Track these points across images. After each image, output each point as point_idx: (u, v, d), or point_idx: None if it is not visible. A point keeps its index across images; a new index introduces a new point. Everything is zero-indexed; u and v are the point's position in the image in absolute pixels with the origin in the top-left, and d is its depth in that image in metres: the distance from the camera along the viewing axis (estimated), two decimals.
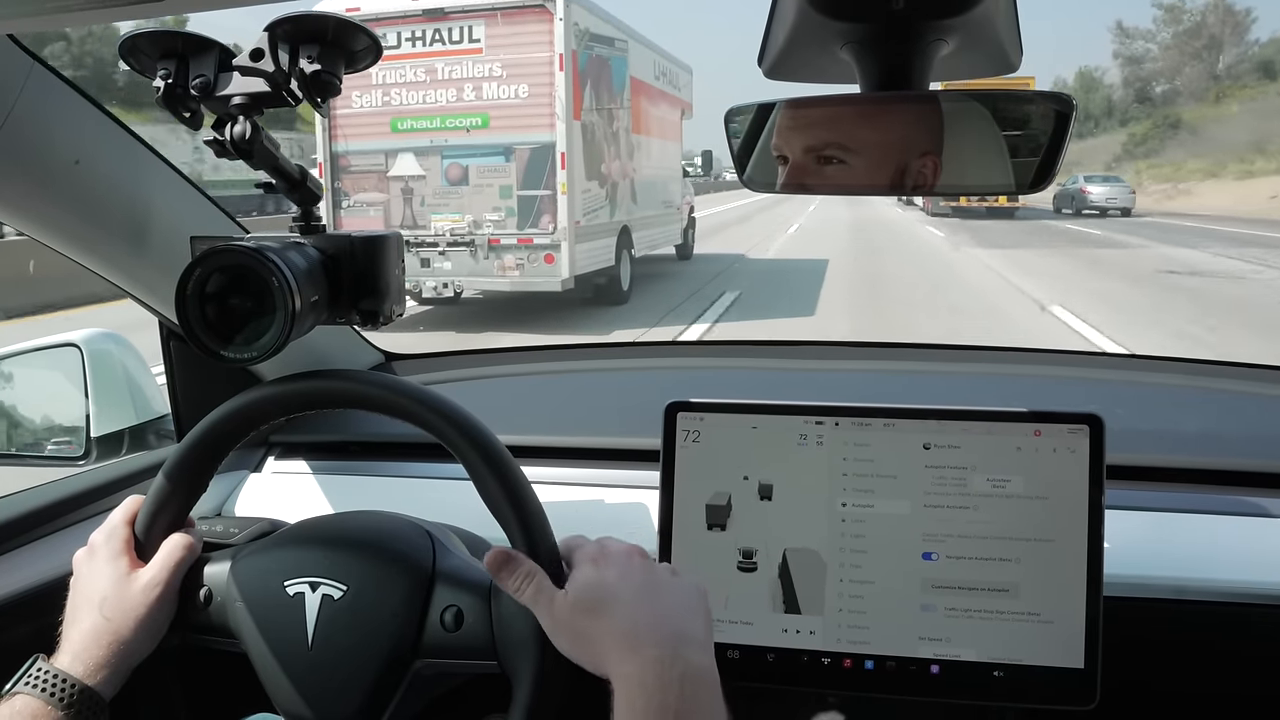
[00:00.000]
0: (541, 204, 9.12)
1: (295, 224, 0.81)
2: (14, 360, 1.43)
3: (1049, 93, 0.72)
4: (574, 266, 9.23)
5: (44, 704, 0.75)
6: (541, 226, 9.14)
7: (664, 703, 0.67)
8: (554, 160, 9.02)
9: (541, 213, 9.13)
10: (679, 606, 0.74)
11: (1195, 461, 1.17)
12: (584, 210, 9.49)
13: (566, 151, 9.01)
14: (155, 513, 0.85)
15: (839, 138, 0.76)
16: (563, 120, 8.98)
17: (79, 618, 0.81)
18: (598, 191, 10.00)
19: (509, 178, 9.19)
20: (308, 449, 1.38)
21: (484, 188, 9.24)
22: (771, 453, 1.00)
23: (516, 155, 9.16)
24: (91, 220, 1.02)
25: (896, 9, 0.67)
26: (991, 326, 9.19)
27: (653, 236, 12.50)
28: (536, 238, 9.16)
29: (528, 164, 9.13)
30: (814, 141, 0.77)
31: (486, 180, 9.24)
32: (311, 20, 0.70)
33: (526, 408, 1.46)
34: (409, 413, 0.80)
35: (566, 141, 9.02)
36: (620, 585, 0.73)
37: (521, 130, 9.10)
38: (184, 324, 0.71)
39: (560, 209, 9.05)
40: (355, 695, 0.79)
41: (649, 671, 0.68)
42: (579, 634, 0.73)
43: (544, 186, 9.08)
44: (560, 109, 8.97)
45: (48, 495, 1.11)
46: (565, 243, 9.09)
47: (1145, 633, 1.03)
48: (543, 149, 9.07)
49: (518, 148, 9.14)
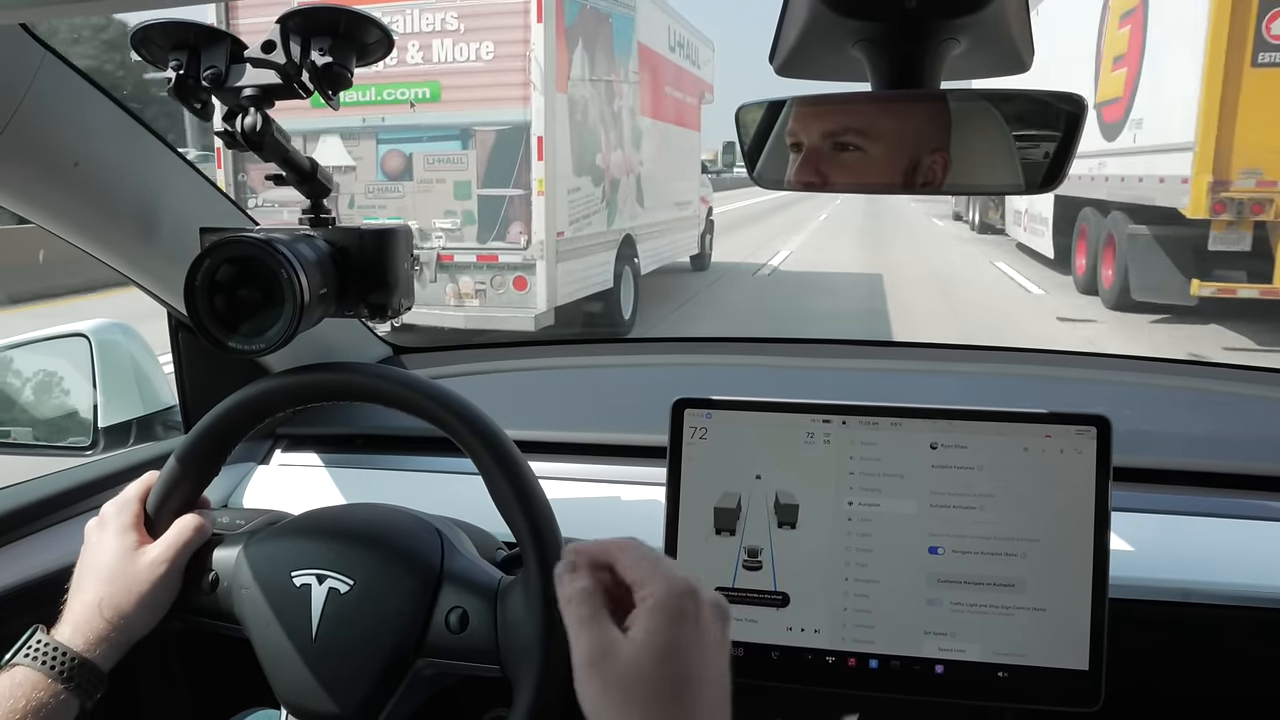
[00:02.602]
0: (511, 207, 6.68)
1: (305, 216, 0.82)
2: (22, 350, 1.44)
3: (1060, 93, 0.72)
4: (554, 294, 6.82)
5: (43, 676, 0.75)
6: (510, 238, 6.69)
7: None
8: (528, 147, 6.55)
9: (511, 220, 6.70)
10: (722, 699, 0.59)
11: (1201, 464, 1.16)
12: (570, 217, 7.06)
13: (546, 135, 6.50)
14: (167, 492, 0.86)
15: (858, 123, 0.75)
16: (541, 92, 6.44)
17: (83, 587, 0.82)
18: (591, 190, 7.49)
19: (467, 171, 6.70)
20: (315, 442, 1.38)
21: (433, 184, 6.77)
22: (778, 451, 1.00)
23: (478, 140, 6.64)
24: (102, 210, 1.02)
25: (909, 7, 0.67)
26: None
27: (662, 247, 9.95)
28: (503, 254, 6.70)
29: (493, 152, 6.64)
30: (833, 126, 0.76)
31: (436, 174, 6.76)
32: (323, 13, 0.70)
33: (535, 402, 1.46)
34: (418, 407, 0.80)
35: (546, 121, 6.49)
36: (706, 665, 0.58)
37: (485, 105, 6.58)
38: (192, 315, 0.72)
39: (536, 215, 6.60)
40: (355, 689, 0.79)
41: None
42: (629, 688, 0.57)
43: (515, 183, 6.62)
44: (538, 76, 6.42)
45: (55, 485, 1.12)
46: (542, 261, 6.64)
47: (1150, 635, 1.03)
48: (513, 131, 6.56)
49: (479, 130, 6.62)
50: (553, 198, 6.68)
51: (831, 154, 0.76)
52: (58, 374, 1.45)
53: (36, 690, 0.75)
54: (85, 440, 1.35)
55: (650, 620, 0.58)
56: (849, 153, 0.76)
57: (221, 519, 0.93)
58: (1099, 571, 0.93)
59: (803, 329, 8.43)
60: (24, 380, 1.47)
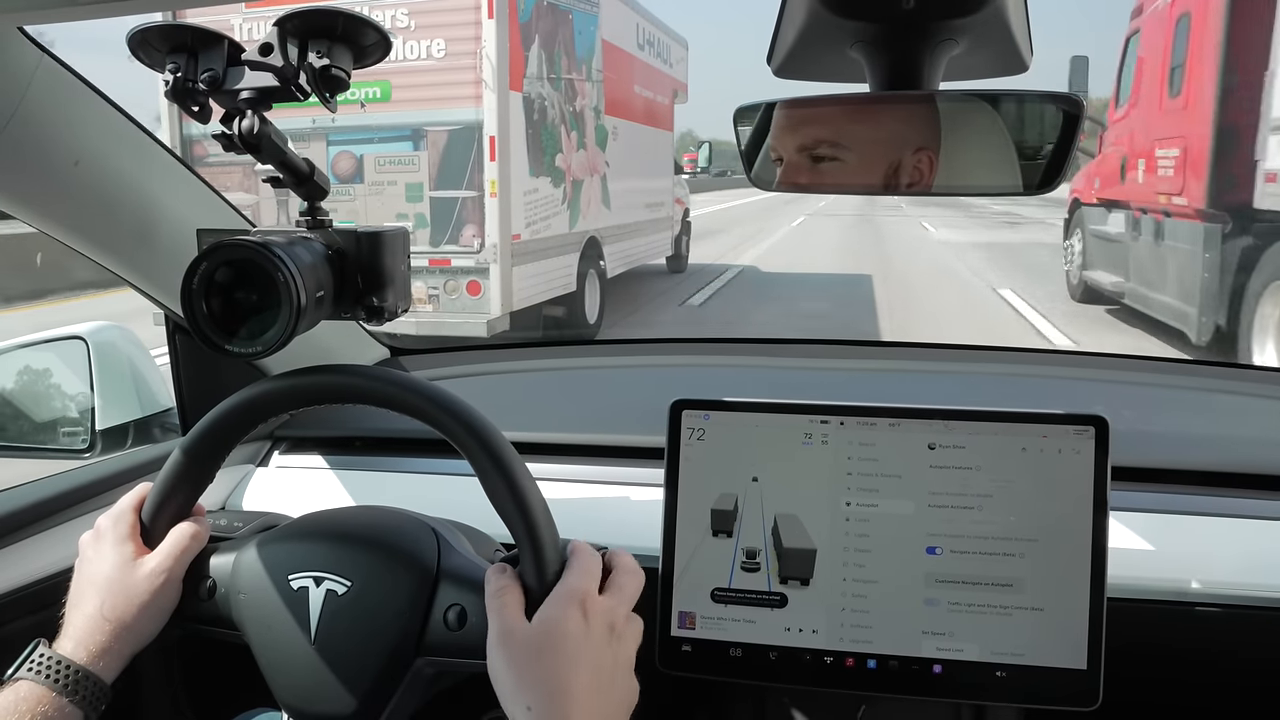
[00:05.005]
0: (464, 210, 6.55)
1: (302, 218, 0.81)
2: (19, 352, 1.44)
3: (1057, 93, 0.72)
4: (510, 299, 6.67)
5: (47, 690, 0.75)
6: (464, 242, 6.57)
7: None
8: (481, 147, 6.43)
9: (464, 222, 6.57)
10: (617, 708, 0.73)
11: (1199, 463, 1.17)
12: (527, 219, 6.92)
13: (498, 135, 6.38)
14: (162, 500, 0.85)
15: (830, 134, 0.76)
16: (493, 90, 6.32)
17: (82, 601, 0.81)
18: (550, 192, 7.35)
19: (418, 173, 6.62)
20: (313, 444, 1.38)
21: (384, 186, 6.68)
22: (776, 451, 1.00)
23: (429, 141, 6.55)
24: (99, 213, 1.02)
25: (907, 8, 0.67)
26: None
27: (632, 249, 9.83)
28: (456, 258, 6.58)
29: (445, 153, 6.54)
30: (805, 140, 0.77)
31: (387, 176, 6.68)
32: (320, 15, 0.70)
33: (532, 403, 1.46)
34: (416, 409, 0.80)
35: (499, 120, 6.37)
36: (584, 658, 0.71)
37: (436, 105, 6.49)
38: (189, 317, 0.72)
39: (490, 217, 6.48)
40: (356, 691, 0.79)
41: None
42: (524, 663, 0.71)
43: (467, 185, 6.50)
44: (490, 74, 6.31)
45: (52, 487, 1.11)
46: (496, 265, 6.51)
47: (1148, 634, 1.03)
48: (465, 131, 6.45)
49: (431, 130, 6.53)
50: (506, 199, 6.53)
51: (810, 166, 0.77)
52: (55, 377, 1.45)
53: (41, 704, 0.74)
54: (83, 443, 1.35)
55: (544, 611, 0.73)
56: (826, 163, 0.77)
57: (219, 522, 0.93)
58: (1097, 571, 0.93)
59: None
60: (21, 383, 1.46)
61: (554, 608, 0.72)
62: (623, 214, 9.26)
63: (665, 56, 10.85)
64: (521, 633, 0.72)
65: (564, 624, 0.71)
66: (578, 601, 0.73)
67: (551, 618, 0.72)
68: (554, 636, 0.71)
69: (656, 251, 11.19)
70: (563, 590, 0.74)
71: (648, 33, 10.04)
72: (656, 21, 10.47)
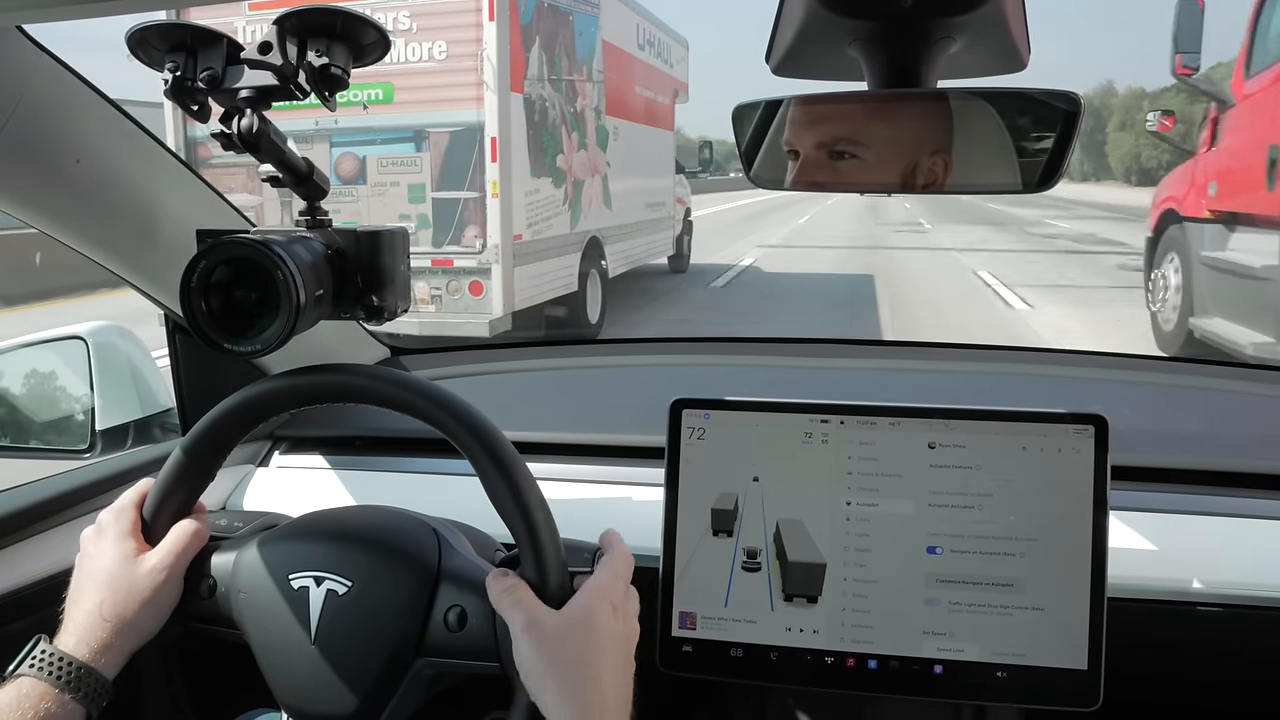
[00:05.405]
0: (466, 211, 6.59)
1: (301, 217, 0.81)
2: (19, 353, 1.44)
3: (1057, 91, 0.72)
4: (511, 299, 6.69)
5: (49, 686, 0.75)
6: (465, 242, 6.60)
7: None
8: (482, 149, 6.46)
9: (466, 223, 6.60)
10: (628, 687, 0.77)
11: (1199, 463, 1.16)
12: (529, 219, 6.97)
13: (499, 136, 6.41)
14: (163, 498, 0.85)
15: (851, 133, 0.76)
16: (494, 92, 6.36)
17: (83, 596, 0.81)
18: (551, 192, 7.38)
19: (421, 174, 6.64)
20: (314, 443, 1.38)
21: (387, 188, 6.70)
22: (776, 451, 1.00)
23: (431, 142, 6.58)
24: (97, 212, 1.02)
25: (905, 6, 0.67)
26: None
27: (634, 248, 9.87)
28: (458, 258, 6.61)
29: (447, 154, 6.56)
30: (826, 137, 0.77)
31: (390, 177, 6.70)
32: (320, 14, 0.70)
33: (533, 403, 1.46)
34: (417, 409, 0.80)
35: (500, 121, 6.41)
36: (609, 644, 0.75)
37: (438, 106, 6.52)
38: (189, 316, 0.71)
39: (491, 218, 6.51)
40: (356, 691, 0.79)
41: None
42: (553, 648, 0.74)
43: (469, 186, 6.53)
44: (491, 76, 6.35)
45: (52, 488, 1.11)
46: (498, 265, 6.55)
47: (1149, 634, 1.03)
48: (467, 133, 6.49)
49: (433, 131, 6.56)
50: (508, 200, 6.58)
51: (828, 163, 0.77)
52: (55, 377, 1.45)
53: (43, 701, 0.74)
54: (83, 443, 1.35)
55: (578, 601, 0.76)
56: (845, 160, 0.76)
57: (220, 521, 0.93)
58: (1097, 571, 0.93)
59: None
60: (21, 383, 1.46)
61: (588, 598, 0.76)
62: (624, 214, 9.31)
63: (666, 57, 10.91)
64: (551, 621, 0.74)
65: (595, 616, 0.75)
66: (609, 598, 0.77)
67: (585, 607, 0.75)
68: (585, 624, 0.74)
69: (658, 251, 11.25)
70: (596, 585, 0.77)
71: (648, 33, 10.10)
72: (657, 22, 10.52)
